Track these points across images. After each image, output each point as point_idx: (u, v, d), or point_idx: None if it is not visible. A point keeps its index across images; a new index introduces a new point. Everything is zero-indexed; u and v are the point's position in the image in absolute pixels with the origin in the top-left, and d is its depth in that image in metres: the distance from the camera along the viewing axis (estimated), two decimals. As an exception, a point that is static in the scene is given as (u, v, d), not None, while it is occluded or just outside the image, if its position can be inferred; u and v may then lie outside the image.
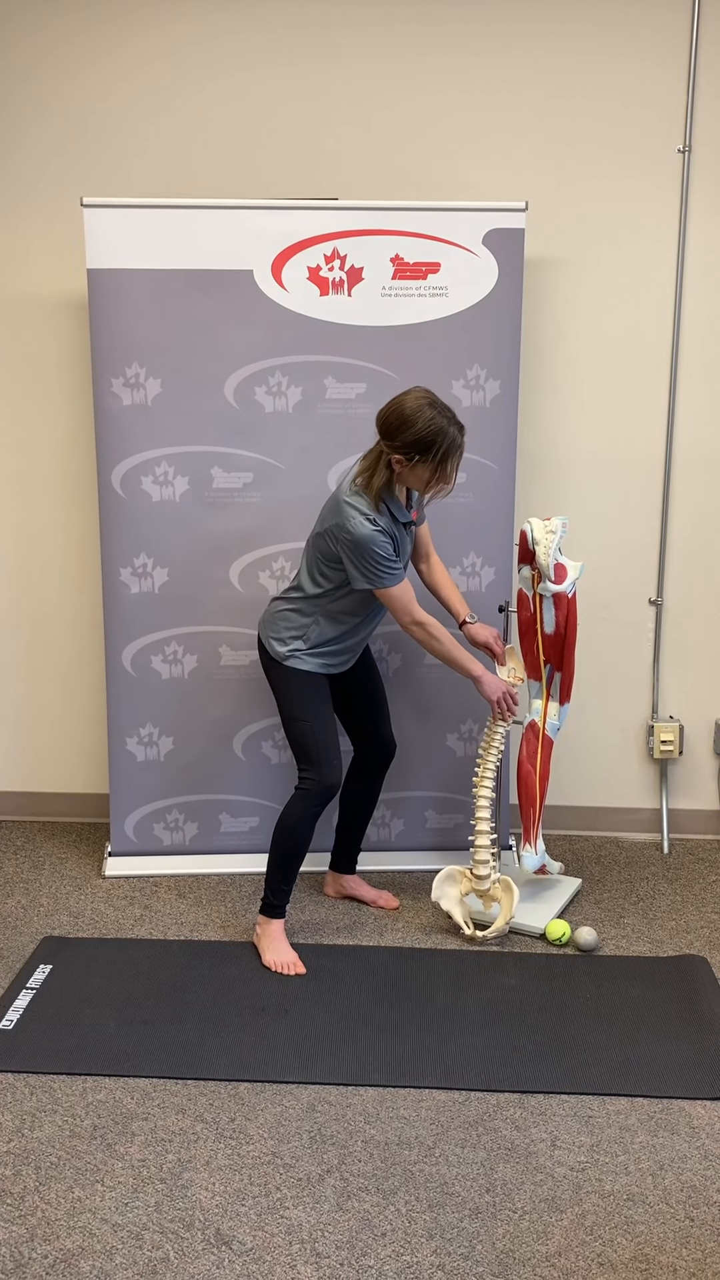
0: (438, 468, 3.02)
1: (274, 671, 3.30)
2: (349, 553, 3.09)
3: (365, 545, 3.05)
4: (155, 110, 3.81)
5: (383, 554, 3.08)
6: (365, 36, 3.75)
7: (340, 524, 3.08)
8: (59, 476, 4.06)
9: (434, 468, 3.02)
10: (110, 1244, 2.25)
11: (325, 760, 3.22)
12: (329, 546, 3.15)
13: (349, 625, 3.28)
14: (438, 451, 2.99)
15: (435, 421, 2.97)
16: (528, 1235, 2.28)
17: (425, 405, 2.99)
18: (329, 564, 3.18)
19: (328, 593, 3.22)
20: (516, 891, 3.43)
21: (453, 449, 3.01)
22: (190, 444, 3.64)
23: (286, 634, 3.26)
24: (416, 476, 3.06)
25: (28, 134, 3.85)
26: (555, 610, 3.43)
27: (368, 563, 3.08)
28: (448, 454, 3.01)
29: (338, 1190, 2.40)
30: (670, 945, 3.43)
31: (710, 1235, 2.29)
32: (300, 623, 3.25)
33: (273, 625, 3.29)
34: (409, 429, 2.98)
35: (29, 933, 3.46)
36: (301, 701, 3.26)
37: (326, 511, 3.17)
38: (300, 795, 3.24)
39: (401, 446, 3.00)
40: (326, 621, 3.25)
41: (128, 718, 3.81)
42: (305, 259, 3.54)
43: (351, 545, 3.07)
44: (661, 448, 3.97)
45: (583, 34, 3.73)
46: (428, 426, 2.97)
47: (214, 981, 3.18)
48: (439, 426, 2.98)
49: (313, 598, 3.24)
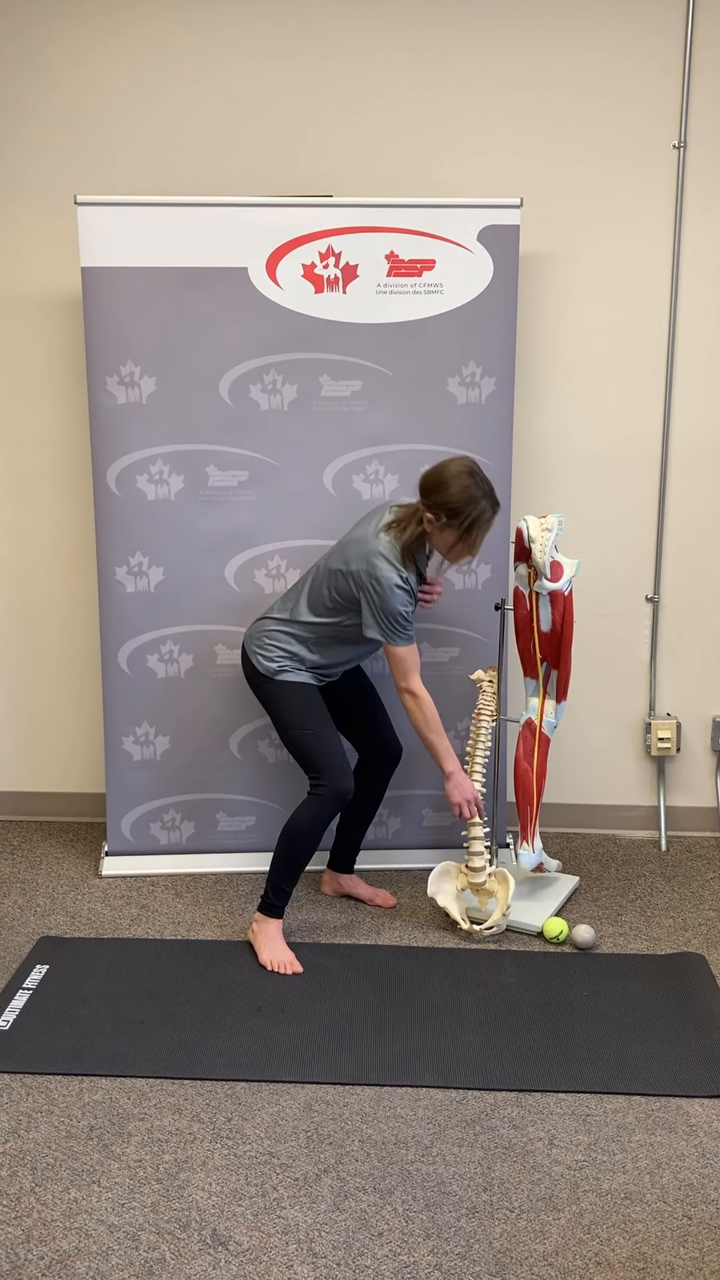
0: (463, 535, 3.10)
1: (264, 688, 3.30)
2: (372, 602, 3.12)
3: (390, 600, 3.10)
4: (149, 107, 3.80)
5: (405, 611, 3.13)
6: (360, 33, 3.74)
7: (370, 572, 3.11)
8: (53, 475, 4.05)
9: (460, 534, 3.10)
10: (106, 1245, 2.24)
11: (334, 766, 3.22)
12: (348, 587, 3.17)
13: (347, 656, 3.31)
14: (466, 519, 3.07)
15: (470, 491, 3.06)
16: (525, 1234, 2.27)
17: (464, 473, 3.08)
18: (342, 600, 3.19)
19: (330, 625, 3.23)
20: (512, 882, 3.43)
21: (481, 520, 3.09)
22: (185, 442, 3.63)
23: (277, 653, 3.26)
24: (443, 540, 3.14)
25: (20, 131, 3.84)
26: (551, 608, 3.42)
27: (389, 616, 3.12)
28: (475, 524, 3.09)
29: (335, 1190, 2.40)
30: (668, 943, 3.43)
31: (708, 1233, 2.28)
32: (294, 648, 3.26)
33: (261, 642, 3.29)
34: (443, 491, 3.07)
35: (25, 933, 3.46)
36: (298, 711, 3.25)
37: (352, 553, 3.18)
38: (313, 801, 3.23)
39: (433, 506, 3.09)
40: (322, 650, 3.27)
41: (124, 717, 3.81)
42: (300, 256, 3.53)
43: (378, 596, 3.11)
44: (658, 444, 3.96)
45: (578, 30, 3.72)
46: (462, 494, 3.06)
47: (211, 981, 3.18)
48: (472, 496, 3.06)
49: (312, 625, 3.25)
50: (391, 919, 3.56)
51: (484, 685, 3.53)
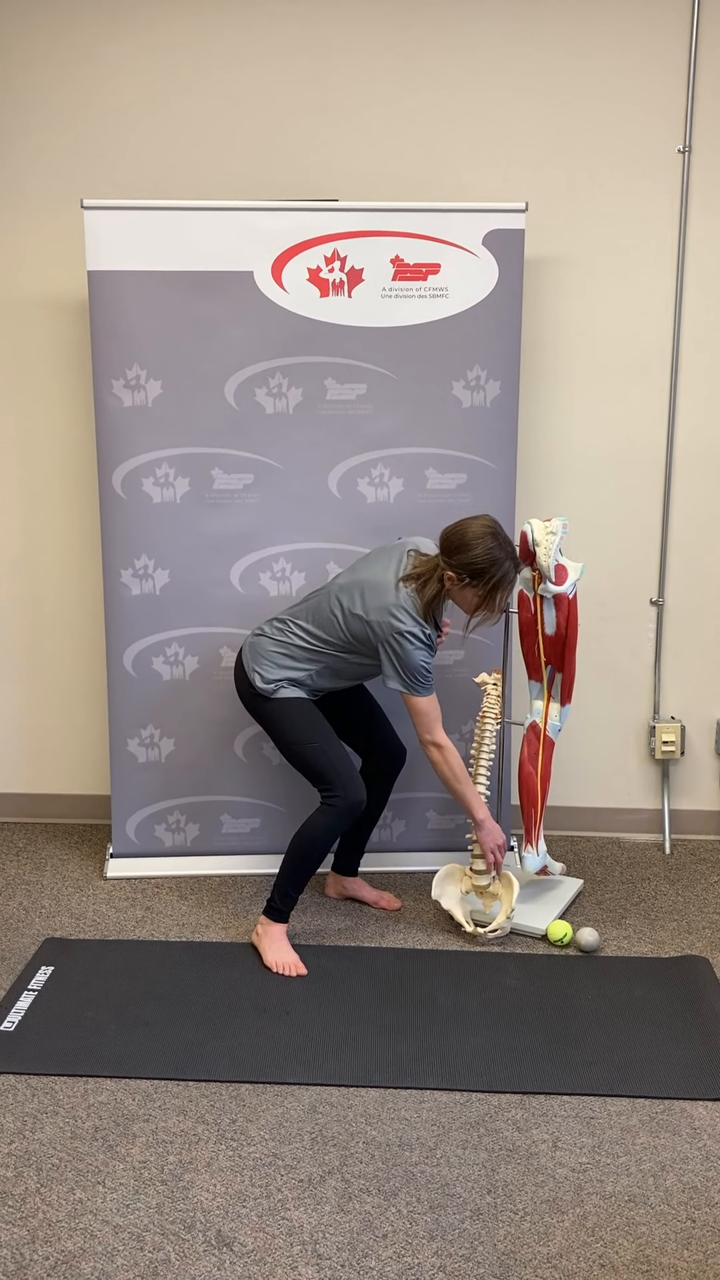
0: (487, 596, 3.12)
1: (260, 707, 3.30)
2: (393, 654, 3.14)
3: (412, 654, 3.13)
4: (154, 111, 3.81)
5: (425, 664, 3.15)
6: (366, 37, 3.75)
7: (392, 626, 3.12)
8: (60, 478, 4.06)
9: (483, 595, 3.12)
10: (111, 1245, 2.25)
11: (344, 776, 3.22)
12: (366, 634, 3.18)
13: (347, 684, 3.34)
14: (489, 580, 3.09)
15: (494, 553, 3.08)
16: (529, 1236, 2.28)
17: (487, 535, 3.10)
18: (357, 642, 3.21)
19: (336, 653, 3.25)
20: (517, 885, 3.43)
21: (504, 581, 3.12)
22: (191, 445, 3.64)
23: (275, 673, 3.26)
24: (464, 598, 3.15)
25: (26, 135, 3.86)
26: (556, 611, 3.43)
27: (410, 670, 3.14)
28: (499, 585, 3.11)
29: (339, 1191, 2.40)
30: (672, 946, 3.43)
31: (712, 1236, 2.28)
32: (296, 675, 3.27)
33: (260, 662, 3.29)
34: (467, 553, 3.09)
35: (30, 934, 3.46)
36: (299, 726, 3.26)
37: (371, 602, 3.16)
38: (326, 811, 3.23)
39: (456, 566, 3.10)
40: (323, 676, 3.29)
41: (129, 719, 3.81)
42: (305, 260, 3.54)
43: (400, 651, 3.13)
44: (662, 448, 3.96)
45: (583, 34, 3.73)
46: (485, 555, 3.07)
47: (215, 983, 3.18)
48: (496, 558, 3.08)
49: (318, 654, 3.26)
50: (396, 921, 3.57)
51: (488, 688, 3.53)
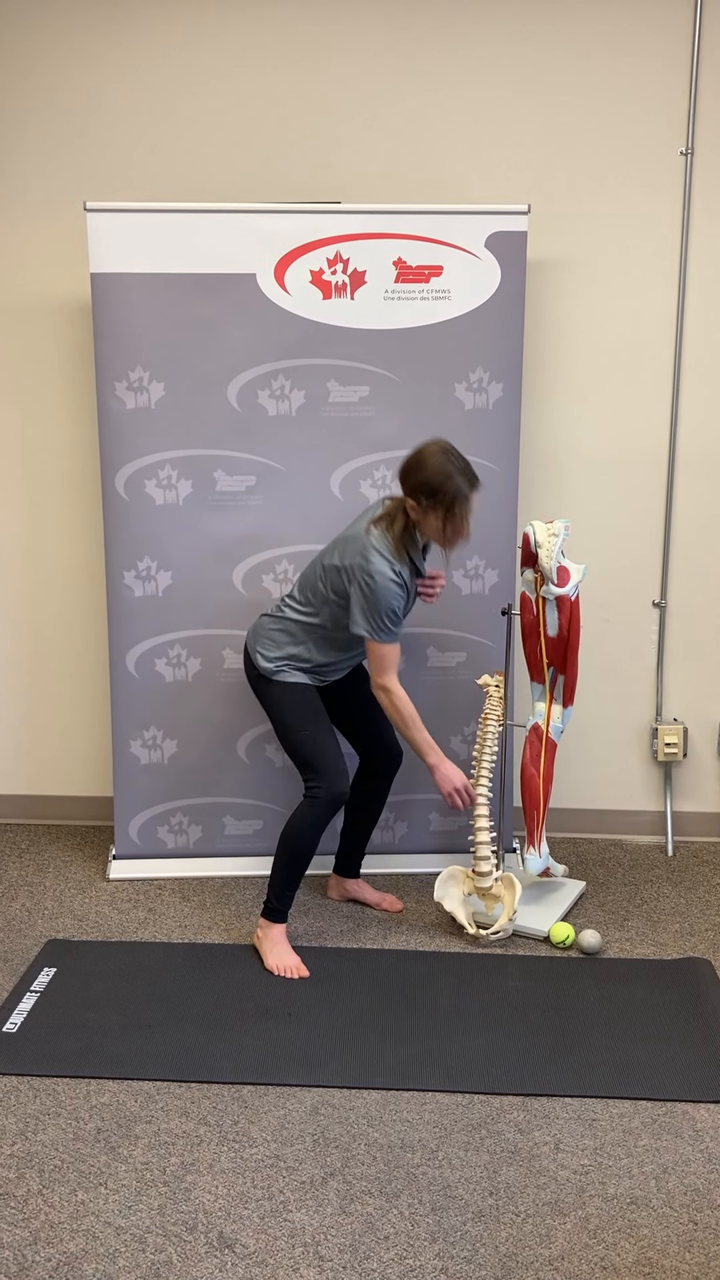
0: (448, 515, 3.07)
1: (263, 689, 3.31)
2: (362, 595, 3.11)
3: (381, 593, 3.09)
4: (157, 113, 3.82)
5: (395, 607, 3.12)
6: (368, 39, 3.76)
7: (362, 565, 3.09)
8: (63, 480, 4.06)
9: (444, 516, 3.07)
10: (113, 1247, 2.25)
11: (330, 768, 3.22)
12: (341, 582, 3.16)
13: (345, 655, 3.31)
14: (445, 497, 3.04)
15: (444, 468, 3.04)
16: (531, 1238, 2.28)
17: (438, 452, 3.07)
18: (336, 597, 3.19)
19: (327, 623, 3.24)
20: (519, 886, 3.43)
21: (460, 496, 3.05)
22: (193, 447, 3.65)
23: (275, 651, 3.27)
24: (431, 525, 3.11)
25: (29, 138, 3.86)
26: (558, 613, 3.43)
27: (376, 612, 3.11)
28: (455, 499, 3.05)
29: (341, 1193, 2.40)
30: (674, 948, 3.42)
31: (714, 1239, 2.28)
32: (292, 649, 3.27)
33: (261, 641, 3.30)
34: (419, 473, 3.06)
35: (33, 936, 3.47)
36: (296, 712, 3.26)
37: (347, 548, 3.17)
38: (308, 804, 3.23)
39: (411, 490, 3.08)
40: (320, 648, 3.27)
41: (131, 721, 3.82)
42: (308, 262, 3.55)
43: (369, 589, 3.09)
44: (664, 450, 3.96)
45: (585, 36, 3.73)
46: (436, 472, 3.04)
47: (218, 985, 3.18)
48: (447, 473, 3.04)
49: (310, 625, 3.25)
50: (398, 923, 3.57)
51: (491, 690, 3.53)
